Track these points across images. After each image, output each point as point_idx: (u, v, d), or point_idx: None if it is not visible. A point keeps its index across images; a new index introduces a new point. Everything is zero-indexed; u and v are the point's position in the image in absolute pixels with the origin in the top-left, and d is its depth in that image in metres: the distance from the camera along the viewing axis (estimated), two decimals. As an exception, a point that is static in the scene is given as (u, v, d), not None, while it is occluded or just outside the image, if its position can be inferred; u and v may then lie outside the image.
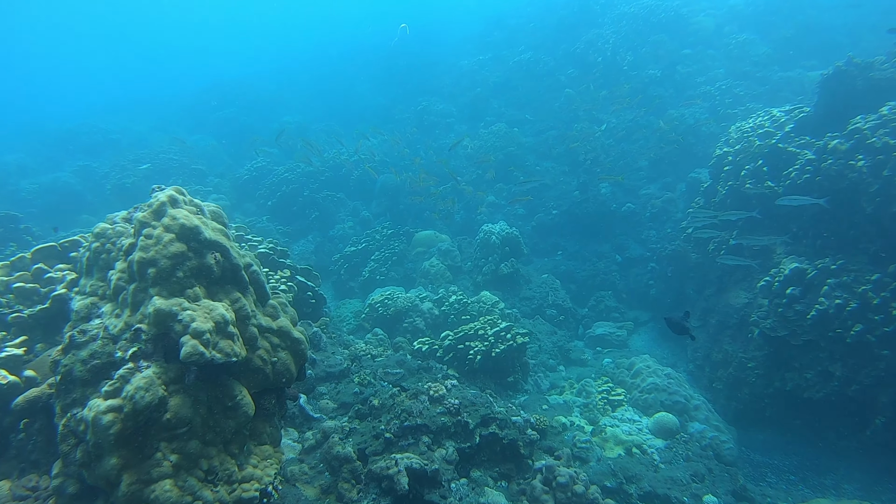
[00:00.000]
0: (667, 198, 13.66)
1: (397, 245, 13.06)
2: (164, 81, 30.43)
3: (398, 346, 8.69)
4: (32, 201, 15.73)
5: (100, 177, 16.45)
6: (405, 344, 8.73)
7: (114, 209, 14.45)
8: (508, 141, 16.16)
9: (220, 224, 4.03)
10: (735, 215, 9.17)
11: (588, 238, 14.21)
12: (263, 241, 7.93)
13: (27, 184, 16.39)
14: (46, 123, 21.94)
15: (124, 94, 27.34)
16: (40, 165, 18.45)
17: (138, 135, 21.43)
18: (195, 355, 3.40)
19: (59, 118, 22.70)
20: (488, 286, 11.61)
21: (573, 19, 19.12)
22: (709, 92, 14.96)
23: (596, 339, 11.46)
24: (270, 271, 7.32)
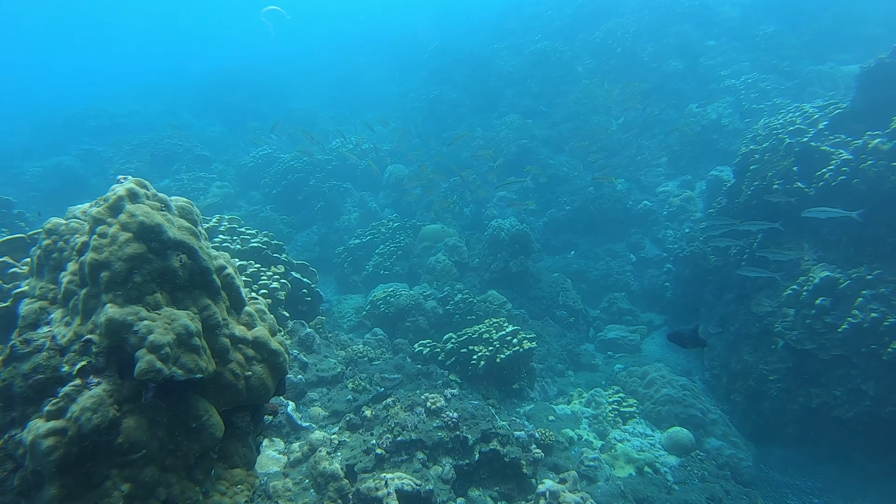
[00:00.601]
0: (685, 196, 13.07)
1: (403, 239, 12.60)
2: (174, 66, 30.11)
3: (398, 347, 8.25)
4: (35, 185, 15.48)
5: (104, 161, 16.14)
6: (405, 346, 8.29)
7: None
8: (522, 133, 15.60)
9: (188, 222, 3.57)
10: (756, 226, 8.63)
11: (602, 236, 13.66)
12: (258, 234, 7.51)
13: (31, 167, 16.14)
14: (53, 106, 21.67)
15: (134, 78, 27.05)
16: (46, 148, 18.18)
17: (146, 118, 21.11)
18: (151, 372, 2.96)
19: (67, 101, 22.41)
20: (496, 285, 11.13)
21: (592, 6, 18.42)
22: (733, 86, 14.29)
23: (607, 343, 10.96)
24: (263, 267, 6.89)
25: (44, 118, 20.44)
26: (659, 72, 15.71)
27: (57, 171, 15.11)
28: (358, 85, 24.69)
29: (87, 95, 23.87)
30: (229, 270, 3.81)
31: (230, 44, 34.59)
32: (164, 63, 31.66)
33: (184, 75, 26.68)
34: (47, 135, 19.11)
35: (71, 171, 15.19)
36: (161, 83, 26.17)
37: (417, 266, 11.95)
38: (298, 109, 20.47)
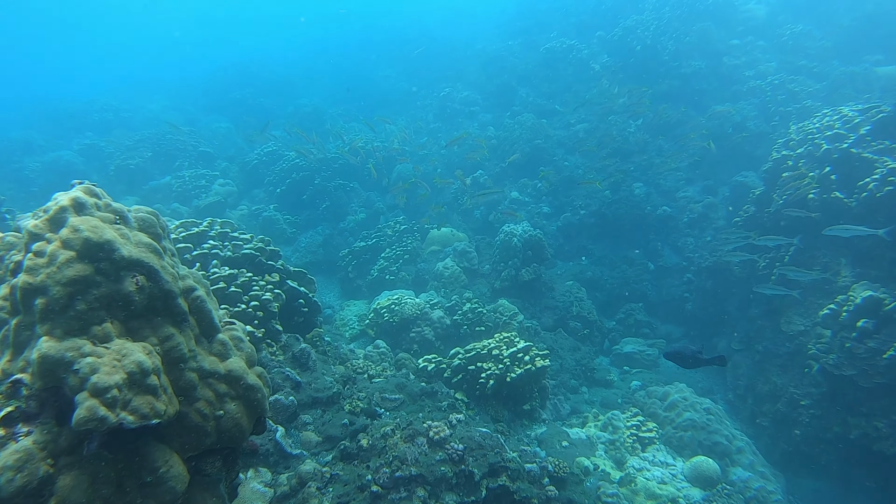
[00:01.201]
0: (707, 202, 12.42)
1: (410, 242, 12.07)
2: (182, 61, 29.72)
3: (401, 362, 7.72)
4: (35, 180, 15.10)
5: (104, 156, 15.73)
6: (409, 361, 7.75)
7: (117, 192, 13.60)
8: (536, 133, 15.00)
9: (150, 236, 3.05)
10: (772, 241, 8.16)
11: (618, 242, 13.06)
12: (253, 239, 7.00)
13: (31, 161, 15.78)
14: (60, 99, 21.33)
15: (141, 73, 26.66)
16: (48, 143, 17.82)
17: (151, 113, 20.72)
18: (93, 421, 2.44)
19: (74, 94, 22.08)
20: (507, 293, 10.57)
21: (610, 3, 17.76)
22: (759, 87, 13.60)
23: (623, 357, 10.38)
24: (255, 276, 6.37)
25: (48, 111, 20.10)
26: (680, 71, 15.04)
27: (56, 166, 14.72)
28: (368, 82, 24.15)
29: (94, 88, 23.54)
30: (199, 292, 3.28)
31: (241, 38, 34.19)
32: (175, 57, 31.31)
33: (193, 70, 26.28)
34: (50, 128, 18.76)
35: (70, 166, 14.80)
36: (170, 77, 25.78)
37: (425, 271, 11.42)
38: (306, 106, 19.98)
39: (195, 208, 13.36)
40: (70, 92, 22.98)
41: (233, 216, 13.89)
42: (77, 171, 14.96)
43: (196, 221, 6.92)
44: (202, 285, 3.40)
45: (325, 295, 12.57)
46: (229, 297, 5.92)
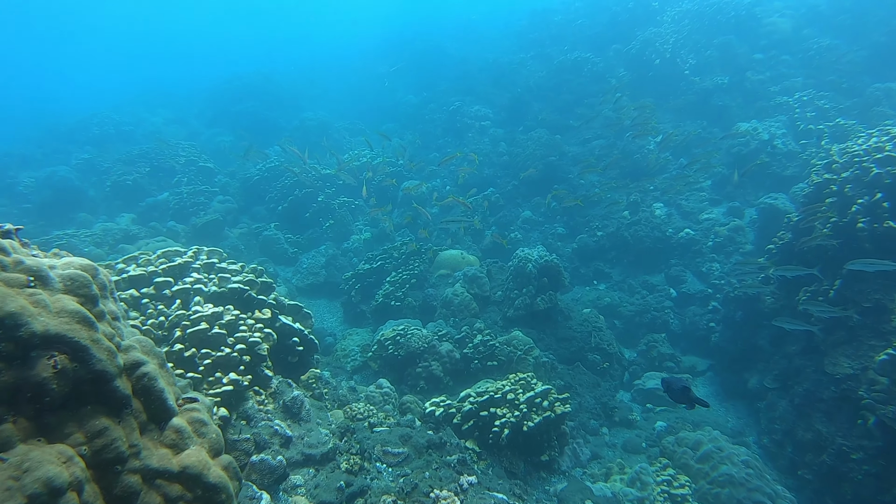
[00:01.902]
0: (734, 225, 11.67)
1: (417, 265, 11.37)
2: (186, 73, 29.41)
3: (406, 407, 6.99)
4: (28, 196, 14.60)
5: (102, 172, 15.21)
6: (415, 405, 7.02)
7: (114, 209, 12.91)
8: (550, 149, 14.35)
9: (79, 300, 2.36)
10: (791, 271, 7.81)
11: (637, 266, 12.32)
12: (242, 270, 6.32)
13: (25, 177, 15.29)
14: (58, 113, 20.92)
15: (144, 86, 26.27)
16: (46, 157, 17.38)
17: (154, 127, 20.28)
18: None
19: (76, 108, 21.68)
20: (520, 323, 9.84)
21: (627, 16, 17.15)
22: (786, 103, 12.89)
23: (646, 394, 9.59)
24: (244, 313, 5.69)
25: (48, 125, 19.70)
26: (701, 86, 14.37)
27: (50, 182, 14.19)
28: (376, 95, 23.66)
29: (96, 102, 23.12)
30: (149, 367, 2.58)
31: (247, 50, 33.91)
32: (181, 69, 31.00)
33: (198, 82, 25.89)
34: (50, 143, 18.33)
35: (65, 182, 14.25)
36: (174, 91, 25.41)
37: (432, 297, 10.71)
38: (311, 120, 19.44)
39: (192, 227, 12.75)
40: (72, 105, 22.63)
41: (232, 234, 13.30)
42: (73, 187, 14.43)
43: (179, 251, 6.25)
44: (154, 356, 2.70)
45: (328, 319, 11.90)
46: (211, 340, 5.23)
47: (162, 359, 2.76)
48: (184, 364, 5.01)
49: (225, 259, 6.48)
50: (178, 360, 4.99)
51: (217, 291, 5.76)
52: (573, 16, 19.25)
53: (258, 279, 6.52)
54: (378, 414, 6.52)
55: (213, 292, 5.72)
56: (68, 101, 24.46)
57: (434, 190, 15.14)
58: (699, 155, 11.67)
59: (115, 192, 14.33)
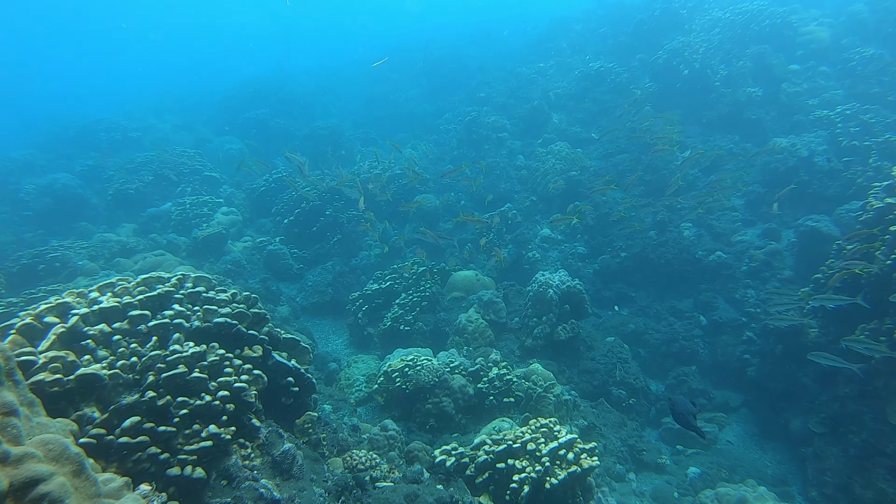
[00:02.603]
0: (770, 249, 10.82)
1: (429, 286, 10.65)
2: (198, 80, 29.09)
3: (413, 455, 6.24)
4: (30, 203, 14.10)
5: (104, 180, 14.71)
6: (423, 453, 6.27)
7: (115, 218, 12.33)
8: (571, 163, 13.59)
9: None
10: (832, 301, 7.28)
11: (663, 290, 11.50)
12: (233, 299, 5.63)
13: (28, 183, 14.81)
14: (66, 118, 20.54)
15: (155, 92, 25.96)
16: (50, 163, 16.96)
17: (162, 133, 19.81)
18: None
19: (82, 114, 21.27)
20: (540, 353, 9.08)
21: (652, 24, 16.38)
22: (826, 118, 12.04)
23: (676, 434, 8.80)
24: (230, 352, 4.99)
25: (55, 130, 19.32)
26: (732, 98, 13.56)
27: (51, 189, 13.68)
28: (390, 104, 23.08)
29: (107, 107, 22.80)
30: (53, 484, 1.88)
31: (260, 56, 33.62)
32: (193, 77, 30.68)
33: (210, 88, 25.50)
34: (56, 148, 17.93)
35: (66, 190, 13.75)
36: (185, 97, 25.03)
37: (444, 322, 9.97)
38: (322, 128, 18.82)
39: (193, 240, 12.14)
40: (82, 110, 22.27)
41: (235, 248, 12.67)
42: (74, 195, 13.93)
43: (162, 277, 5.57)
44: (66, 462, 2.00)
45: (333, 342, 11.22)
46: (190, 386, 4.53)
47: (80, 463, 2.05)
48: (156, 416, 4.32)
49: (213, 287, 5.79)
50: (150, 410, 4.29)
51: (200, 327, 5.06)
52: (595, 24, 18.53)
53: (250, 310, 5.82)
54: (382, 466, 5.78)
55: (195, 328, 5.03)
56: (78, 106, 24.18)
57: (448, 204, 14.42)
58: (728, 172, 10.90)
59: (117, 202, 13.79)
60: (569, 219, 9.48)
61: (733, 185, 11.11)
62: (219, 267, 11.59)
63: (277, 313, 10.74)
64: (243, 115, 20.82)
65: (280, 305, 11.12)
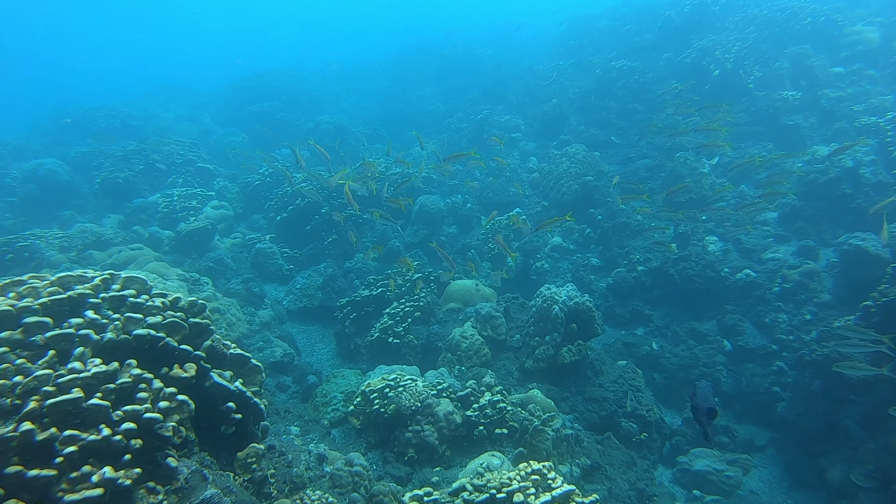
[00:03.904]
0: (807, 269, 9.67)
1: (424, 296, 9.69)
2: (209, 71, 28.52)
3: (377, 500, 5.25)
4: (15, 189, 13.43)
5: (94, 167, 14.02)
6: (389, 498, 5.27)
7: (102, 208, 11.49)
8: (587, 168, 12.53)
9: None
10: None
11: (684, 310, 10.41)
12: (176, 304, 4.73)
13: (16, 168, 14.18)
14: (69, 104, 19.97)
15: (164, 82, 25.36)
16: (46, 149, 16.36)
17: (164, 122, 19.15)
18: None
19: (86, 100, 20.70)
20: (541, 377, 8.05)
21: (681, 21, 15.25)
22: (874, 125, 10.87)
23: (692, 477, 7.71)
24: (150, 372, 4.07)
25: (56, 116, 18.74)
26: (767, 102, 12.41)
27: (35, 175, 12.98)
28: (404, 102, 22.25)
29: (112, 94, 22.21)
30: None
31: (274, 49, 33.03)
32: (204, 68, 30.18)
33: (218, 81, 24.88)
34: (52, 134, 17.38)
35: (52, 176, 13.03)
36: (195, 88, 24.45)
37: (438, 336, 8.98)
38: (327, 123, 18.00)
39: (177, 234, 11.34)
40: (86, 97, 21.72)
41: (222, 245, 11.84)
42: (60, 181, 13.23)
43: (84, 276, 4.66)
44: None
45: (319, 351, 10.33)
46: (86, 416, 3.62)
47: None
48: (33, 455, 3.41)
49: (148, 290, 4.88)
50: (25, 447, 3.38)
51: (115, 340, 4.14)
52: (619, 22, 17.46)
53: (189, 320, 4.89)
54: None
55: (108, 341, 4.10)
56: (83, 92, 23.67)
57: (455, 207, 13.47)
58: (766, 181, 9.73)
59: (105, 191, 13.07)
60: (560, 220, 8.26)
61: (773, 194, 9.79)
62: (200, 264, 10.76)
63: (258, 317, 9.85)
64: (249, 107, 20.07)
65: (262, 309, 10.23)
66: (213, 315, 8.69)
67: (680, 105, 10.89)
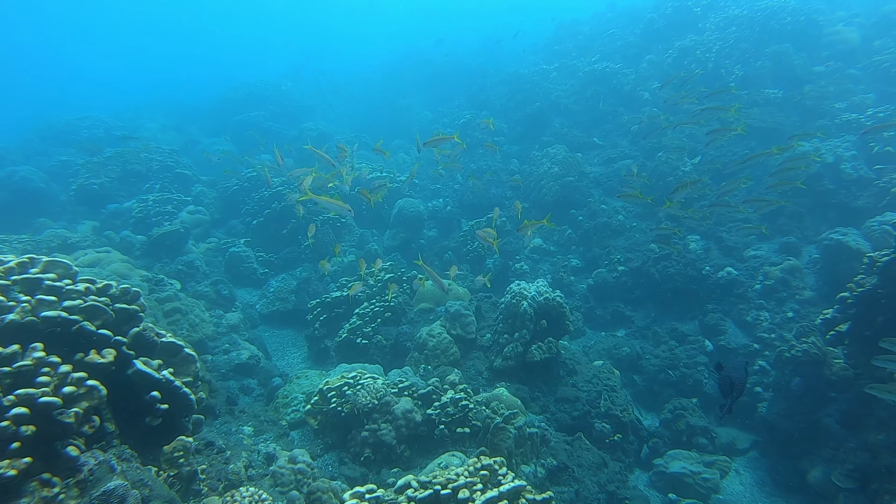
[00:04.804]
0: (788, 266, 9.41)
1: (395, 296, 9.43)
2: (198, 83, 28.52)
3: (315, 498, 4.94)
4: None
5: (70, 174, 13.88)
6: (329, 496, 4.97)
7: (77, 215, 11.28)
8: (568, 168, 12.34)
9: None
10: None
11: (665, 310, 10.14)
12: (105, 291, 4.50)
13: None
14: (52, 115, 19.94)
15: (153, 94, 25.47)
16: (27, 158, 16.21)
17: (149, 133, 19.05)
18: None
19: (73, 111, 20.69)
20: (510, 376, 7.76)
21: (663, 23, 15.19)
22: (855, 121, 10.69)
23: (669, 480, 7.37)
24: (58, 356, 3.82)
25: (41, 128, 18.69)
26: (749, 101, 12.23)
27: (8, 182, 12.83)
28: (393, 110, 22.22)
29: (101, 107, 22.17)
30: None
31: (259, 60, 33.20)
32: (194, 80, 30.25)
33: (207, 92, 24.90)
34: (34, 144, 17.29)
35: (25, 183, 12.87)
36: (183, 99, 24.45)
37: (406, 336, 8.71)
38: (311, 130, 17.92)
39: (149, 237, 11.14)
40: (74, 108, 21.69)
41: (196, 250, 11.63)
42: (34, 188, 13.07)
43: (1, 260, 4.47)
44: None
45: (290, 356, 10.05)
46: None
47: None
48: None
49: (73, 275, 4.65)
50: None
51: (19, 322, 3.91)
52: (604, 26, 17.43)
53: (114, 305, 4.67)
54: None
55: (9, 322, 3.88)
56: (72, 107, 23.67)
57: (435, 210, 13.27)
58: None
59: (80, 198, 12.91)
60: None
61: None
62: (171, 268, 10.53)
63: (226, 320, 9.59)
64: (236, 118, 20.02)
65: (231, 312, 9.98)
66: (174, 315, 8.46)
67: (686, 95, 10.60)
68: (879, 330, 6.39)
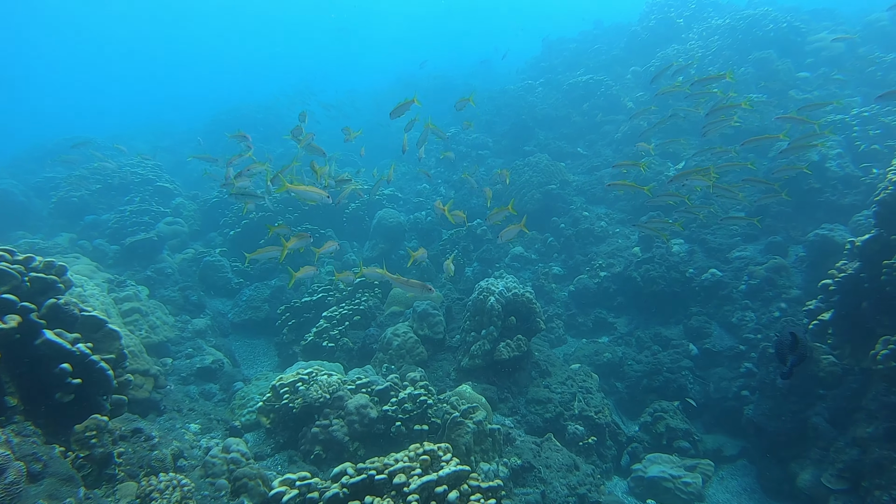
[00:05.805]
0: (774, 265, 9.04)
1: (366, 300, 9.15)
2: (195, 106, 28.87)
3: (241, 485, 4.55)
4: (-32, 212, 13.15)
5: (52, 188, 13.81)
6: (256, 485, 4.58)
7: (56, 227, 11.12)
8: (550, 176, 12.14)
9: None
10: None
11: (649, 315, 9.74)
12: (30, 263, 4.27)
13: (-26, 192, 13.95)
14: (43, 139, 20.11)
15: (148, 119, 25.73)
16: (13, 175, 16.24)
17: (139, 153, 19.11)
18: None
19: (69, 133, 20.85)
20: (478, 375, 7.37)
21: (647, 35, 15.20)
22: (840, 122, 10.46)
23: (648, 485, 6.89)
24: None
25: (32, 149, 18.82)
26: (733, 107, 12.05)
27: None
28: (384, 132, 22.25)
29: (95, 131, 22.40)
30: None
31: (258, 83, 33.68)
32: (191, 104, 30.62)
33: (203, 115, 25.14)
34: (24, 163, 17.35)
35: (4, 196, 12.81)
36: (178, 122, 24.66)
37: (374, 339, 8.36)
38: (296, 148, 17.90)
39: (122, 246, 10.95)
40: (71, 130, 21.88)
41: (171, 260, 11.39)
42: (14, 201, 12.99)
43: None
44: None
45: (260, 364, 9.69)
46: None
47: None
48: None
49: None
50: None
51: None
52: (590, 43, 17.48)
53: (31, 274, 4.43)
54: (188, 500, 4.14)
55: None
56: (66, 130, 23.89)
57: (416, 221, 13.06)
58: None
59: (59, 210, 12.79)
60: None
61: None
62: (141, 275, 10.29)
63: (192, 325, 9.30)
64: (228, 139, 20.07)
65: (199, 318, 9.67)
66: (133, 315, 8.16)
67: (678, 85, 10.38)
68: (864, 316, 6.01)
